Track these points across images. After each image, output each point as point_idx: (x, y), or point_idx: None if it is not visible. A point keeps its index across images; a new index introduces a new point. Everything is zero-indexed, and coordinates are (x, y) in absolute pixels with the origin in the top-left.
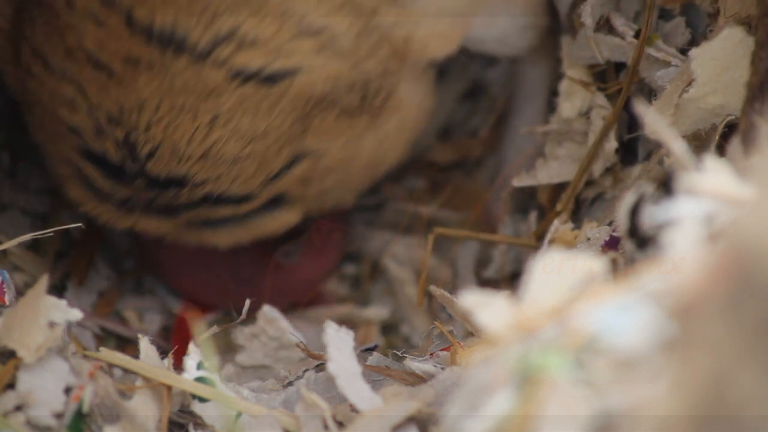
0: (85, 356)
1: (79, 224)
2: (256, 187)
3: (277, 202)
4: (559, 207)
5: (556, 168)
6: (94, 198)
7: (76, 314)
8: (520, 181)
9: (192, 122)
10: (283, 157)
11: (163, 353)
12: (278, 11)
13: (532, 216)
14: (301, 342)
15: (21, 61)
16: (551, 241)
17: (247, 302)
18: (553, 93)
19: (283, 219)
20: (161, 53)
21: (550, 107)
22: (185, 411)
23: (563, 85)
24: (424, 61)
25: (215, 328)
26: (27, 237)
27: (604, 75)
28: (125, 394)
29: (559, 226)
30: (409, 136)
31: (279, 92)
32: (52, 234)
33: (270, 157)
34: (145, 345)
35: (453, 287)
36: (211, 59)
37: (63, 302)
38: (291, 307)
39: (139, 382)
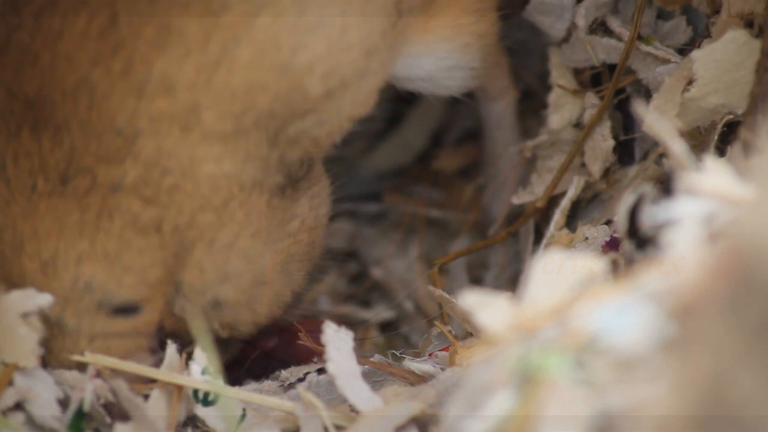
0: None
1: None
2: None
3: None
4: (539, 203)
5: (551, 181)
6: None
7: (46, 298)
8: (519, 198)
9: None
10: None
11: None
12: None
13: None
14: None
15: None
16: (547, 246)
17: None
18: (542, 106)
19: None
20: None
21: (540, 120)
22: (188, 415)
23: (552, 97)
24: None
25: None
26: None
27: (599, 78)
28: (138, 393)
29: (554, 231)
30: None
31: None
32: None
33: None
34: (171, 351)
35: (448, 289)
36: None
37: (30, 290)
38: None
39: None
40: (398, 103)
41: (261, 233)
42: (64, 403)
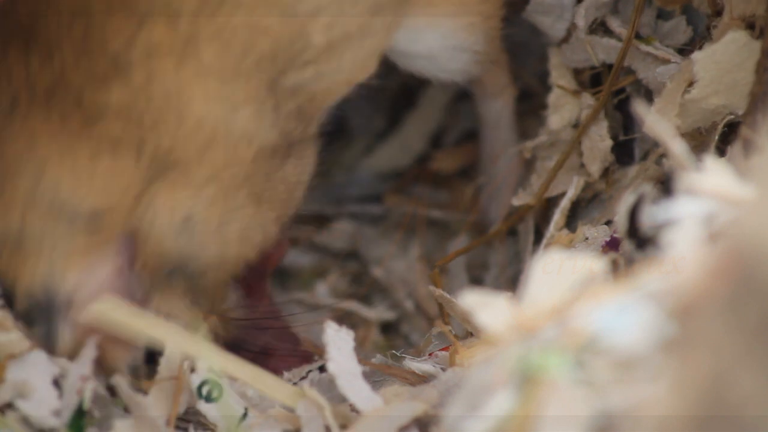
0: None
1: None
2: None
3: None
4: (533, 202)
5: (546, 179)
6: None
7: None
8: (519, 200)
9: None
10: None
11: None
12: None
13: (530, 224)
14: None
15: None
16: (547, 246)
17: None
18: (542, 106)
19: None
20: None
21: (540, 120)
22: (189, 411)
23: (552, 98)
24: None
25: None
26: None
27: (598, 78)
28: (138, 389)
29: (554, 231)
30: None
31: None
32: None
33: None
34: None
35: (448, 289)
36: None
37: None
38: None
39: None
40: (398, 105)
41: (238, 182)
42: (60, 389)
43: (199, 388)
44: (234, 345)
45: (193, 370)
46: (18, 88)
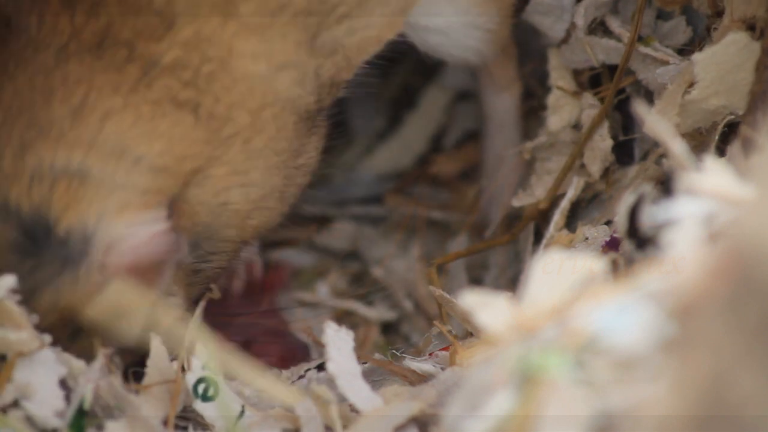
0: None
1: None
2: None
3: None
4: (542, 205)
5: (551, 182)
6: None
7: (9, 280)
8: (519, 201)
9: None
10: None
11: None
12: None
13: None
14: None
15: None
16: (547, 246)
17: None
18: (541, 107)
19: None
20: None
21: (533, 124)
22: (187, 410)
23: (551, 99)
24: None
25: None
26: None
27: (598, 79)
28: (132, 390)
29: (554, 232)
30: None
31: None
32: None
33: None
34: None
35: (448, 290)
36: None
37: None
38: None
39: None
40: (398, 106)
41: (283, 153)
42: (66, 390)
43: (195, 386)
44: (213, 320)
45: (184, 369)
46: (65, 38)
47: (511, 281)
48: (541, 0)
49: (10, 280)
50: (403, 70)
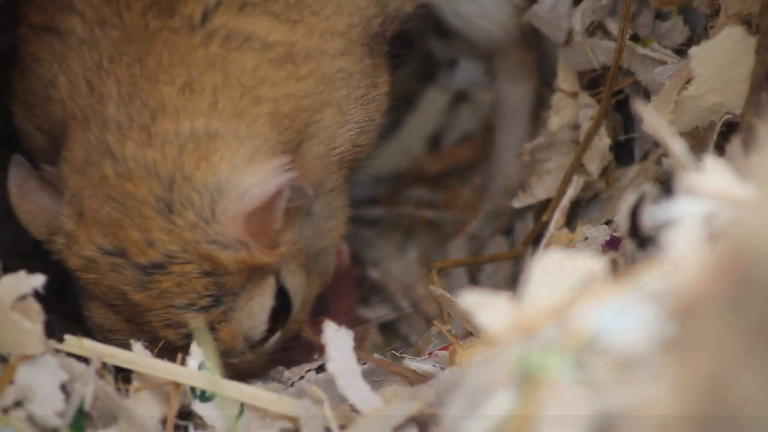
0: (80, 356)
1: None
2: None
3: None
4: (545, 216)
5: (551, 182)
6: None
7: (39, 279)
8: (520, 202)
9: None
10: None
11: None
12: None
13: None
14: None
15: None
16: (547, 246)
17: None
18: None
19: None
20: None
21: (540, 122)
22: (185, 411)
23: (554, 100)
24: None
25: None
26: None
27: (599, 80)
28: (125, 394)
29: (554, 231)
30: None
31: None
32: None
33: None
34: (138, 347)
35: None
36: None
37: (21, 273)
38: None
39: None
40: (397, 108)
41: (365, 78)
42: (67, 393)
43: (193, 386)
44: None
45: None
46: (145, 8)
47: (511, 281)
48: (536, 12)
49: (39, 279)
50: (402, 73)
